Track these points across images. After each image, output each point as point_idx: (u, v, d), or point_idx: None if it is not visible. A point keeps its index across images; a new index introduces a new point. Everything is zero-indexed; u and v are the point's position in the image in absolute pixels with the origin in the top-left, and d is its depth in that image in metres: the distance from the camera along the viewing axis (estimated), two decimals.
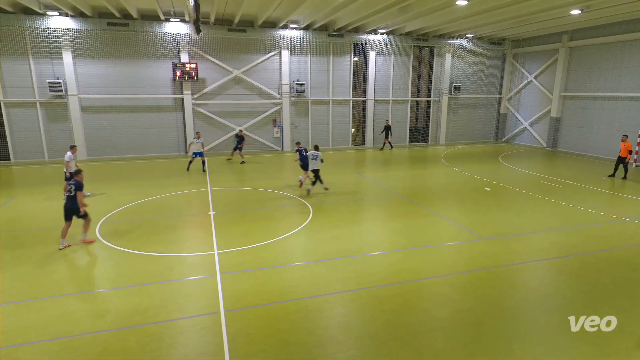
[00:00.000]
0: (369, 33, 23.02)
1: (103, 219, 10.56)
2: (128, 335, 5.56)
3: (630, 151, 15.44)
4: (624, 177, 15.61)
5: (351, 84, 23.93)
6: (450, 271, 7.63)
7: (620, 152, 15.44)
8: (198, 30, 14.89)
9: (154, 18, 19.56)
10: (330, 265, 7.88)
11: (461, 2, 15.44)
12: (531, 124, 25.55)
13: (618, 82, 20.31)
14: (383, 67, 24.25)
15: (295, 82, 22.32)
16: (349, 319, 6.03)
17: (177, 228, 10.12)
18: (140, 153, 20.74)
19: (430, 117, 26.35)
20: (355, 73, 24.01)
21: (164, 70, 20.50)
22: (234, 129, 21.99)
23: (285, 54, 21.96)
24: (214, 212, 11.22)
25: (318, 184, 13.43)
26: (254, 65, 21.78)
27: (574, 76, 22.62)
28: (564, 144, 23.52)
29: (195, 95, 21.14)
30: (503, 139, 27.66)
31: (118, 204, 11.98)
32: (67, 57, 18.82)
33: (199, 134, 17.42)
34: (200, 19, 16.19)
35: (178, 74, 20.20)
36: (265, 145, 22.97)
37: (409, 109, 25.60)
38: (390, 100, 24.95)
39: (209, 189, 13.99)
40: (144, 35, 19.79)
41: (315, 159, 13.10)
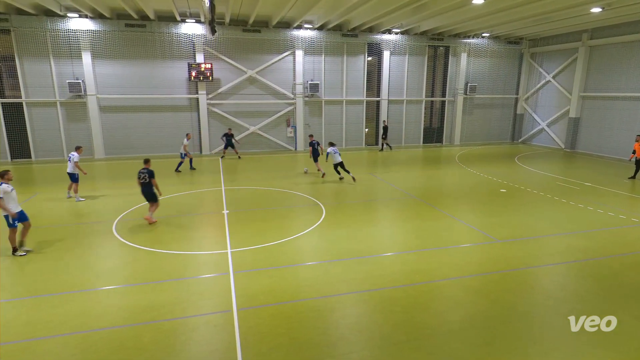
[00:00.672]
0: (384, 33, 22.90)
1: (120, 217, 10.78)
2: (143, 331, 5.67)
3: None
4: (632, 177, 15.41)
5: (365, 84, 23.85)
6: (464, 273, 7.55)
7: (637, 153, 15.09)
8: (213, 31, 15.05)
9: (170, 19, 19.87)
10: (342, 265, 7.88)
11: (477, 1, 15.24)
12: (549, 125, 25.04)
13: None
14: (397, 67, 24.10)
15: (309, 82, 22.37)
16: (360, 320, 6.02)
17: (191, 226, 10.27)
18: (156, 152, 21.06)
19: (445, 118, 26.07)
20: (369, 73, 23.93)
21: (179, 71, 20.79)
22: (248, 129, 22.19)
23: (299, 54, 22.03)
24: (228, 211, 11.34)
25: (345, 175, 15.06)
26: (268, 66, 21.91)
27: (593, 76, 22.09)
28: (582, 145, 22.99)
29: (210, 95, 21.38)
30: (519, 140, 27.19)
31: (134, 202, 12.20)
32: (87, 58, 19.26)
33: (189, 136, 17.91)
34: (216, 20, 16.39)
35: (193, 74, 20.46)
36: (279, 145, 23.08)
37: (423, 109, 25.39)
38: (405, 101, 24.78)
39: (222, 188, 14.14)
40: (160, 36, 20.12)
41: (336, 153, 14.79)
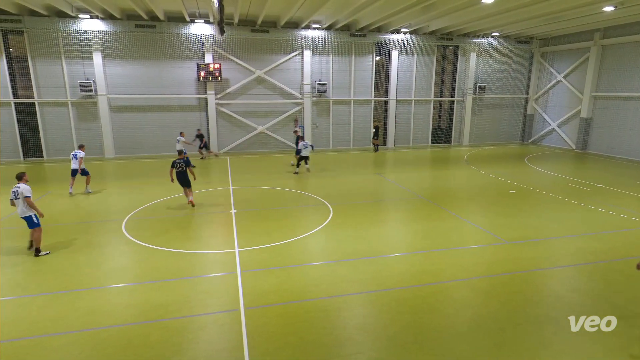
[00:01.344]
0: (392, 32, 22.81)
1: (129, 216, 10.89)
2: (151, 329, 5.72)
3: None
4: None
5: (373, 84, 23.79)
6: (472, 275, 7.48)
7: None
8: (222, 31, 15.12)
9: (179, 19, 20.02)
10: (350, 265, 7.86)
11: (487, 0, 15.10)
12: (559, 125, 24.72)
13: None
14: (406, 67, 23.98)
15: (317, 82, 22.37)
16: (367, 321, 6.00)
17: (200, 225, 10.33)
18: (166, 152, 21.23)
19: (454, 118, 25.88)
20: (377, 73, 23.85)
21: (188, 71, 20.94)
22: (256, 129, 22.27)
23: (307, 54, 22.04)
24: (235, 210, 11.39)
25: (303, 164, 16.70)
26: (276, 66, 21.96)
27: (606, 75, 21.75)
28: (594, 146, 22.66)
29: (218, 95, 21.50)
30: (529, 141, 26.88)
31: (143, 200, 12.33)
32: (97, 58, 19.50)
33: (182, 134, 18.58)
34: (224, 20, 16.46)
35: (202, 74, 20.59)
36: (286, 144, 23.12)
37: (431, 109, 25.24)
38: (413, 101, 24.65)
39: (230, 187, 14.21)
40: (169, 37, 20.28)
41: (306, 148, 16.32)
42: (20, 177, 8.30)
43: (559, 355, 5.18)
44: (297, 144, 17.10)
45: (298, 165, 16.60)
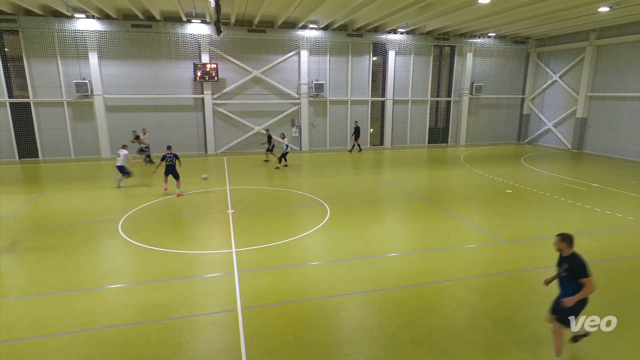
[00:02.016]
0: (389, 32, 22.85)
1: (125, 216, 10.85)
2: (150, 330, 5.71)
3: None
4: None
5: (370, 84, 23.81)
6: (470, 275, 7.51)
7: None
8: (219, 31, 15.12)
9: (176, 19, 19.95)
10: (347, 265, 7.87)
11: (483, 1, 15.16)
12: (555, 125, 24.86)
13: None
14: (402, 67, 24.03)
15: (313, 82, 22.37)
16: (365, 320, 6.02)
17: (197, 225, 10.31)
18: (161, 152, 21.04)
19: (450, 118, 25.96)
20: (374, 73, 23.87)
21: (185, 71, 20.87)
22: (253, 129, 22.23)
23: (304, 54, 22.04)
24: (233, 211, 11.37)
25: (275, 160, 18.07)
26: (273, 66, 21.93)
27: (601, 76, 21.89)
28: (590, 146, 22.80)
29: (215, 95, 21.45)
30: (525, 140, 27.01)
31: (140, 201, 12.28)
32: (93, 58, 19.40)
33: (145, 130, 19.26)
34: (221, 20, 16.43)
35: (199, 74, 20.54)
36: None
37: (428, 109, 25.29)
38: (410, 100, 24.71)
39: (227, 187, 14.19)
40: (166, 37, 20.21)
41: (287, 145, 17.80)
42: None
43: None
44: (270, 142, 18.67)
45: (280, 160, 17.84)
